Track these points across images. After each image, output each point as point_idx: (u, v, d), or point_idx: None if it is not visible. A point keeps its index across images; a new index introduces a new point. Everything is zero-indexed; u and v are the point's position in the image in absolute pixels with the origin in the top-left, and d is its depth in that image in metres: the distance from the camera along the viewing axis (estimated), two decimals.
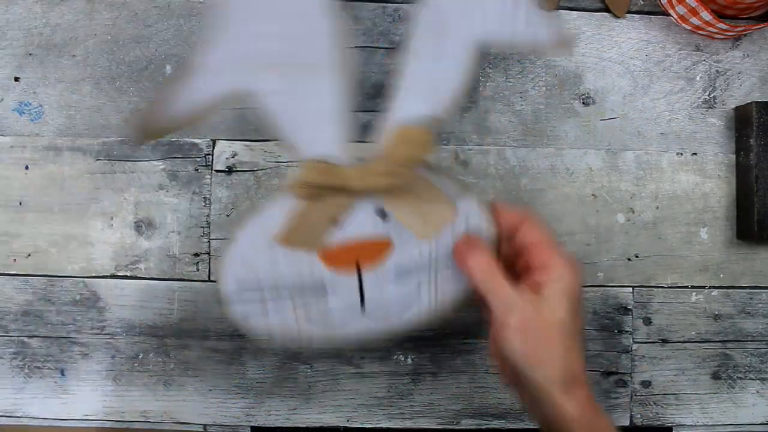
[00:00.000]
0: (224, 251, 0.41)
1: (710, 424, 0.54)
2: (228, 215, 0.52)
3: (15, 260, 0.52)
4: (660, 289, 0.54)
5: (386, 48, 0.53)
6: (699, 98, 0.54)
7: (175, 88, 0.37)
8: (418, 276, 0.43)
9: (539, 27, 0.40)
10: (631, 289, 0.54)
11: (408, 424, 0.53)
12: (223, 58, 0.37)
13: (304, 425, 0.52)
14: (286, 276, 0.41)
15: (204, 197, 0.52)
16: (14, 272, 0.52)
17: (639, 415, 0.54)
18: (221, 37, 0.37)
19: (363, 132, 0.50)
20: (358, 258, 0.42)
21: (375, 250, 0.42)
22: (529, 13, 0.40)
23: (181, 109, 0.37)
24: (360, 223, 0.41)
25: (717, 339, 0.54)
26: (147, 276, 0.52)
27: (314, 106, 0.39)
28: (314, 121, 0.39)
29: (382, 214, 0.42)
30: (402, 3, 0.53)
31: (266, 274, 0.41)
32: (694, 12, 0.50)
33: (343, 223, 0.41)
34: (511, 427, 0.53)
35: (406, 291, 0.43)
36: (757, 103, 0.51)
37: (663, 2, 0.53)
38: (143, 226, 0.52)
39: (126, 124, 0.50)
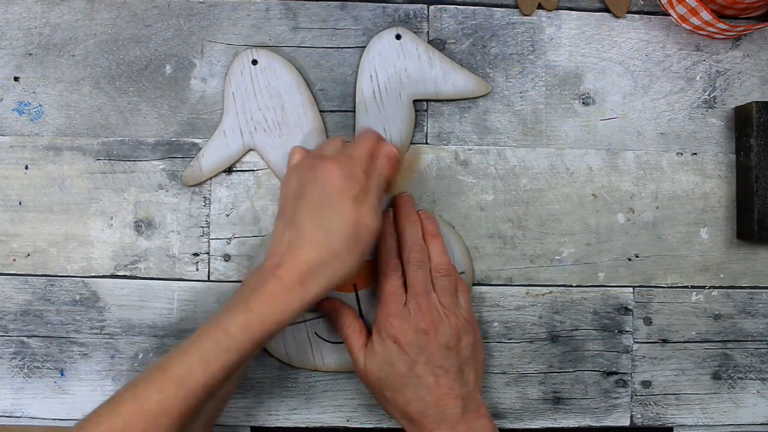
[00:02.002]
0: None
1: (711, 424, 0.54)
2: (228, 215, 0.52)
3: (14, 260, 0.52)
4: (660, 289, 0.54)
5: None
6: (699, 98, 0.54)
7: (209, 146, 0.51)
8: None
9: (456, 78, 0.52)
10: (631, 289, 0.54)
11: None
12: (232, 124, 0.51)
13: (303, 425, 0.52)
14: None
15: (204, 197, 0.52)
16: (14, 272, 0.52)
17: (639, 416, 0.54)
18: (229, 108, 0.51)
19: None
20: (355, 280, 0.51)
21: (368, 271, 0.51)
22: (445, 69, 0.52)
23: (215, 162, 0.51)
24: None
25: (717, 339, 0.54)
26: (146, 276, 0.52)
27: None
28: None
29: None
30: (402, 3, 0.53)
31: None
32: (694, 12, 0.50)
33: None
34: (511, 427, 0.53)
35: None
36: (756, 103, 0.51)
37: (663, 2, 0.53)
38: (143, 225, 0.52)
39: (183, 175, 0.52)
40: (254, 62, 0.51)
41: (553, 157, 0.53)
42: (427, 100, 0.52)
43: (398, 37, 0.51)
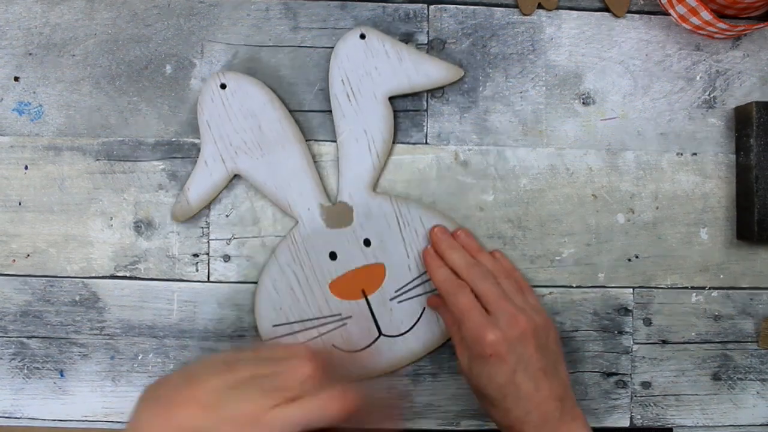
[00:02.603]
0: (255, 295, 0.52)
1: (710, 425, 0.54)
2: (227, 215, 0.52)
3: (14, 260, 0.52)
4: (660, 290, 0.54)
5: None
6: (699, 98, 0.54)
7: (192, 179, 0.51)
8: (415, 293, 0.52)
9: (428, 68, 0.51)
10: (631, 290, 0.54)
11: (408, 425, 0.53)
12: (212, 153, 0.51)
13: None
14: (308, 311, 0.52)
15: None
16: (13, 272, 0.52)
17: (639, 416, 0.54)
18: (206, 137, 0.51)
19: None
20: (363, 287, 0.51)
21: (373, 275, 0.52)
22: (416, 60, 0.51)
23: (202, 193, 0.51)
24: (353, 255, 0.51)
25: (717, 340, 0.54)
26: (146, 276, 0.52)
27: (287, 170, 0.51)
28: (291, 180, 0.51)
29: (366, 242, 0.51)
30: (402, 3, 0.53)
31: (291, 311, 0.51)
32: (694, 12, 0.50)
33: (339, 257, 0.51)
34: None
35: (409, 309, 0.52)
36: (757, 103, 0.51)
37: (663, 2, 0.53)
38: (143, 226, 0.52)
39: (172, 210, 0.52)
40: (223, 86, 0.50)
41: (553, 157, 0.53)
42: (402, 96, 0.52)
43: (362, 36, 0.51)
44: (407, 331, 0.52)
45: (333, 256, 0.51)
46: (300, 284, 0.51)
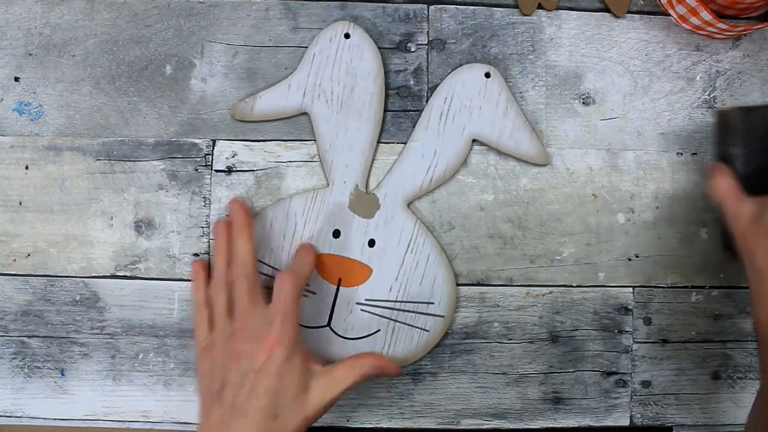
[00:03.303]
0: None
1: (710, 423, 0.54)
2: (228, 215, 0.52)
3: (15, 260, 0.52)
4: (660, 289, 0.54)
5: (386, 48, 0.53)
6: (699, 98, 0.54)
7: (270, 91, 0.52)
8: (381, 312, 0.51)
9: (522, 138, 0.52)
10: (631, 289, 0.54)
11: (408, 424, 0.53)
12: (300, 81, 0.51)
13: None
14: (284, 264, 0.51)
15: (204, 197, 0.52)
16: (14, 272, 0.52)
17: (639, 415, 0.54)
18: (304, 65, 0.51)
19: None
20: (342, 276, 0.51)
21: (357, 273, 0.51)
22: (516, 124, 0.52)
23: (268, 108, 0.51)
24: (352, 245, 0.51)
25: (717, 339, 0.54)
26: (147, 276, 0.52)
27: (349, 139, 0.51)
28: (347, 149, 0.51)
29: (371, 243, 0.51)
30: (402, 3, 0.53)
31: (272, 254, 0.51)
32: (693, 12, 0.50)
33: (341, 239, 0.51)
34: (511, 427, 0.53)
35: (366, 321, 0.51)
36: (741, 108, 0.49)
37: (663, 2, 0.53)
38: (143, 226, 0.52)
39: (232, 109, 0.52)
40: (347, 36, 0.51)
41: (554, 157, 0.53)
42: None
43: (488, 75, 0.52)
44: (351, 339, 0.51)
45: (336, 234, 0.51)
46: (293, 237, 0.51)
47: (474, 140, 0.52)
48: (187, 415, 0.52)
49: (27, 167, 0.52)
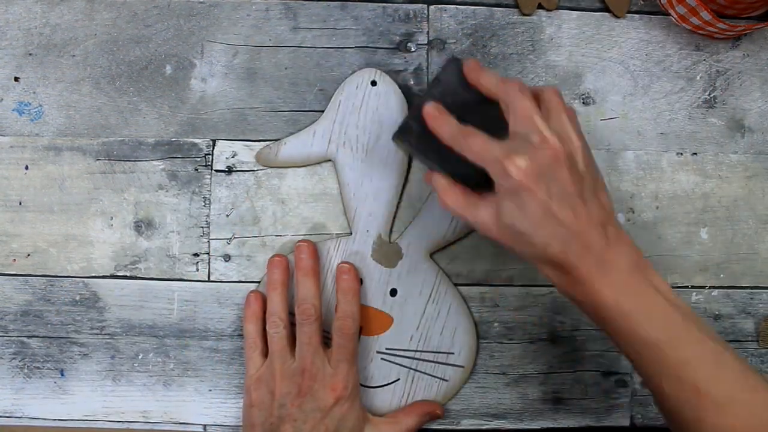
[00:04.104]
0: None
1: None
2: (228, 215, 0.52)
3: (14, 260, 0.52)
4: None
5: (386, 48, 0.53)
6: (699, 98, 0.54)
7: (295, 137, 0.52)
8: (401, 362, 0.51)
9: None
10: None
11: None
12: (325, 128, 0.52)
13: None
14: None
15: (204, 197, 0.52)
16: (14, 272, 0.52)
17: (639, 416, 0.54)
18: (330, 112, 0.52)
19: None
20: (362, 324, 0.51)
21: (378, 322, 0.51)
22: None
23: (293, 154, 0.52)
24: (374, 294, 0.51)
25: None
26: (147, 276, 0.52)
27: (374, 187, 0.51)
28: (372, 199, 0.51)
29: (393, 292, 0.51)
30: (402, 3, 0.53)
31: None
32: (693, 12, 0.50)
33: (363, 288, 0.51)
34: (511, 427, 0.53)
35: (387, 370, 0.52)
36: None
37: (663, 2, 0.53)
38: (143, 226, 0.52)
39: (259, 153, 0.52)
40: (373, 83, 0.51)
41: None
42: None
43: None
44: (371, 387, 0.52)
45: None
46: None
47: None
48: (187, 415, 0.52)
49: (27, 167, 0.52)
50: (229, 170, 0.52)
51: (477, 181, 0.43)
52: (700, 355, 0.40)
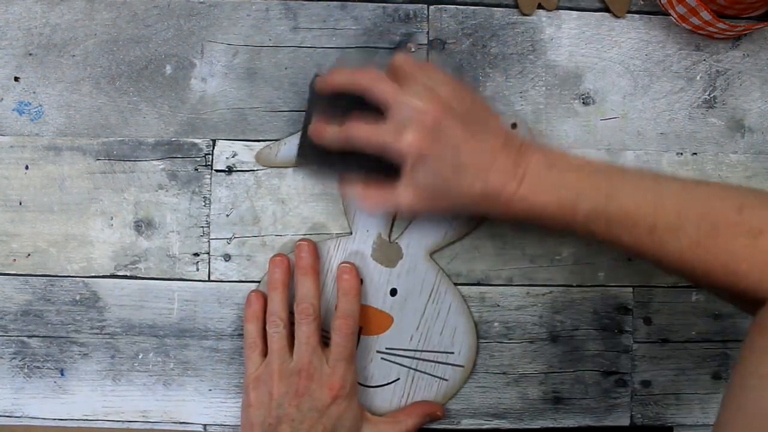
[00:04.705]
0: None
1: (711, 423, 0.54)
2: (228, 215, 0.52)
3: (15, 260, 0.52)
4: (660, 289, 0.54)
5: (386, 48, 0.53)
6: (699, 98, 0.54)
7: (295, 137, 0.51)
8: (401, 361, 0.51)
9: None
10: (631, 289, 0.54)
11: None
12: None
13: None
14: None
15: (204, 197, 0.52)
16: (14, 272, 0.52)
17: (639, 415, 0.54)
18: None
19: None
20: (362, 323, 0.51)
21: (378, 322, 0.51)
22: None
23: (293, 154, 0.51)
24: (374, 294, 0.51)
25: (717, 339, 0.54)
26: (147, 276, 0.52)
27: None
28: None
29: (393, 292, 0.51)
30: (402, 3, 0.53)
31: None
32: (693, 12, 0.50)
33: (363, 287, 0.51)
34: (511, 427, 0.53)
35: (386, 370, 0.52)
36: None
37: (663, 2, 0.53)
38: (143, 225, 0.52)
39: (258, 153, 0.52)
40: None
41: None
42: None
43: (514, 126, 0.52)
44: (371, 387, 0.52)
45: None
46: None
47: None
48: (187, 415, 0.52)
49: (27, 167, 0.52)
50: (229, 170, 0.52)
51: (386, 172, 0.45)
52: (642, 194, 0.42)
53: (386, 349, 0.51)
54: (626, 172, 0.44)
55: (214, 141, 0.52)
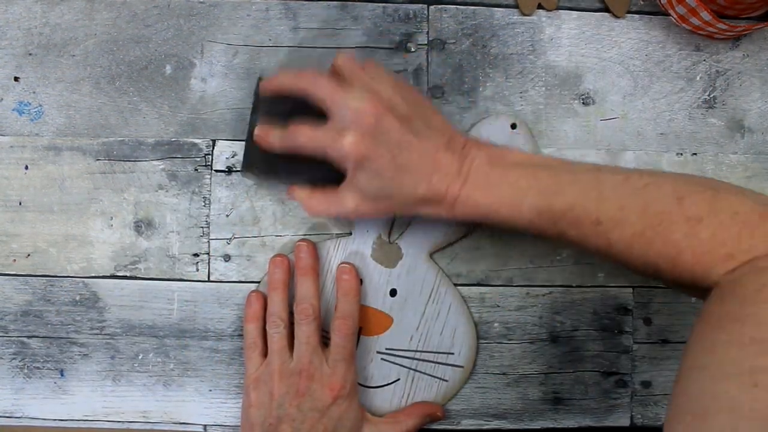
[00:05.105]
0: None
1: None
2: (227, 215, 0.52)
3: (15, 260, 0.52)
4: (660, 290, 0.54)
5: (386, 48, 0.53)
6: (699, 98, 0.54)
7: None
8: (401, 362, 0.51)
9: None
10: (631, 290, 0.54)
11: None
12: None
13: None
14: None
15: (203, 197, 0.52)
16: (14, 272, 0.52)
17: (639, 416, 0.54)
18: None
19: None
20: (362, 324, 0.51)
21: (378, 322, 0.51)
22: None
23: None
24: (374, 294, 0.51)
25: None
26: (146, 276, 0.52)
27: None
28: None
29: (393, 293, 0.51)
30: (402, 3, 0.53)
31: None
32: (693, 12, 0.50)
33: (362, 288, 0.51)
34: (511, 427, 0.53)
35: (386, 370, 0.52)
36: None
37: (663, 2, 0.53)
38: (143, 226, 0.52)
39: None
40: None
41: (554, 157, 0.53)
42: None
43: (513, 126, 0.52)
44: (371, 387, 0.52)
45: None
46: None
47: None
48: (187, 415, 0.52)
49: (27, 167, 0.52)
50: (229, 170, 0.52)
51: (333, 177, 0.45)
52: (583, 189, 0.42)
53: (386, 349, 0.51)
54: (569, 167, 0.44)
55: (214, 141, 0.52)
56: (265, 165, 0.48)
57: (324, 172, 0.45)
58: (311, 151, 0.44)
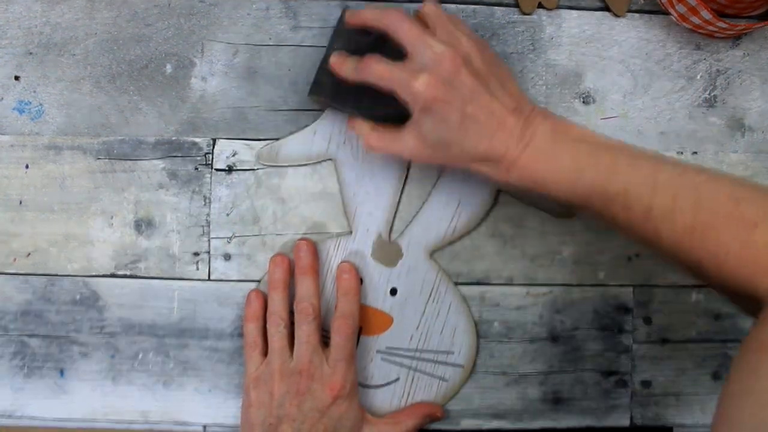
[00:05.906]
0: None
1: (710, 424, 0.54)
2: (228, 214, 0.52)
3: (15, 260, 0.52)
4: (660, 289, 0.54)
5: None
6: (699, 97, 0.54)
7: (294, 137, 0.52)
8: (401, 361, 0.51)
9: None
10: (631, 289, 0.54)
11: None
12: (325, 127, 0.51)
13: None
14: None
15: (204, 196, 0.52)
16: (14, 272, 0.52)
17: (639, 416, 0.54)
18: (331, 112, 0.51)
19: None
20: (362, 323, 0.51)
21: (378, 322, 0.51)
22: None
23: (293, 154, 0.52)
24: (374, 293, 0.51)
25: (717, 338, 0.54)
26: (147, 275, 0.52)
27: (375, 186, 0.51)
28: (372, 197, 0.51)
29: (393, 292, 0.51)
30: (402, 2, 0.53)
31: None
32: (694, 11, 0.50)
33: (362, 287, 0.51)
34: (511, 427, 0.53)
35: (386, 370, 0.51)
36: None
37: (663, 1, 0.53)
38: (143, 225, 0.52)
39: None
40: None
41: None
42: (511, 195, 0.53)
43: None
44: (371, 387, 0.52)
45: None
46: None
47: (499, 191, 0.52)
48: (187, 415, 0.52)
49: (27, 166, 0.52)
50: (230, 169, 0.52)
51: (396, 118, 0.45)
52: (639, 178, 0.41)
53: (386, 349, 0.51)
54: (629, 151, 0.43)
55: (214, 140, 0.52)
56: (332, 92, 0.49)
57: (389, 112, 0.45)
58: (383, 86, 0.44)
